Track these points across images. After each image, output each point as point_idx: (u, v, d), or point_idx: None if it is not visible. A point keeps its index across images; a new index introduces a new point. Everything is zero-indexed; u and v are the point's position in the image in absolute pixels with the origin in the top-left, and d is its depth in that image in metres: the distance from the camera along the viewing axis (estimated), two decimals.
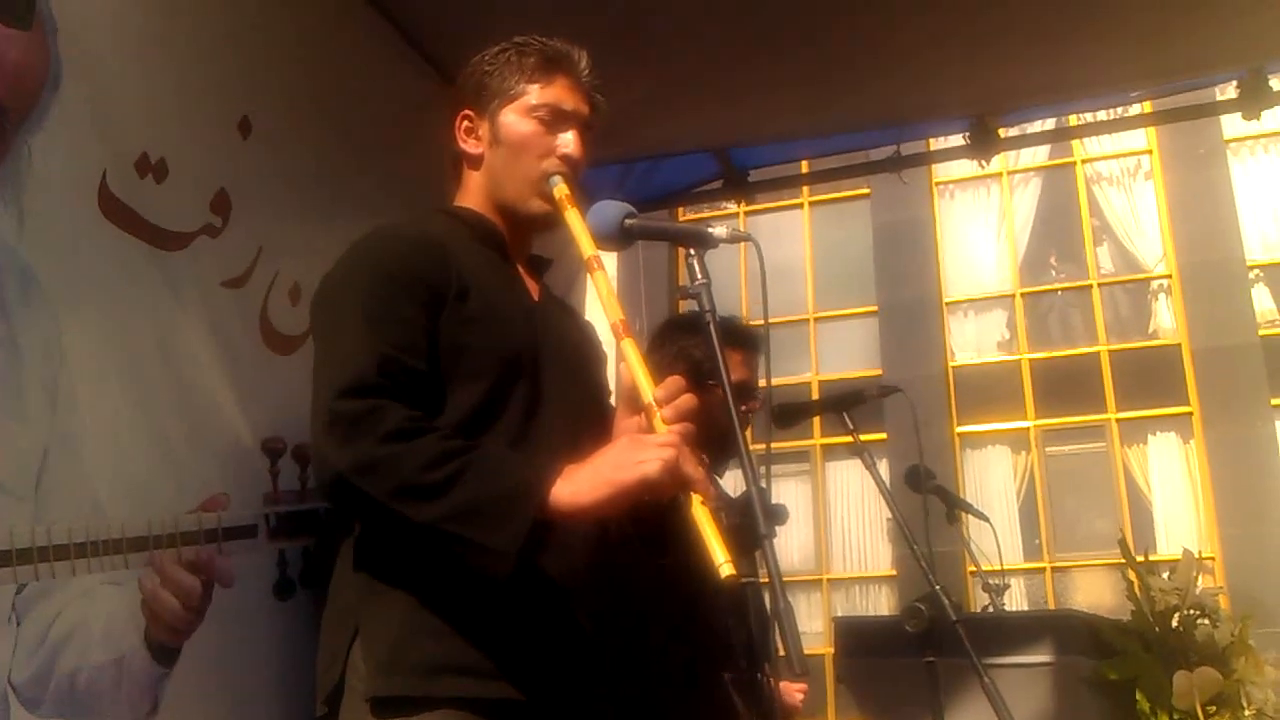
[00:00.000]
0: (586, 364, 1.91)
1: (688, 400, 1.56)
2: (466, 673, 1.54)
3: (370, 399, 1.52)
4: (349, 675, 1.59)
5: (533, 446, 1.67)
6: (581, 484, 1.48)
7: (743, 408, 2.49)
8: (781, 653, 1.44)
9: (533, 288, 1.89)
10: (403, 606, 1.56)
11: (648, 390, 1.55)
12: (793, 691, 2.53)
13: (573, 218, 1.73)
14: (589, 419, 1.81)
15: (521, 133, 1.82)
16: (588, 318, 2.14)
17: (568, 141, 1.82)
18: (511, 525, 1.44)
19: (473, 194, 1.88)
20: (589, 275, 1.69)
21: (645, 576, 1.80)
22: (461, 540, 1.46)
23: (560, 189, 1.78)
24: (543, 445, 1.68)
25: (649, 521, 1.61)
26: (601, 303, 1.65)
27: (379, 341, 1.57)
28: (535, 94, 1.82)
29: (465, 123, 1.88)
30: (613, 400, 1.88)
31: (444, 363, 1.64)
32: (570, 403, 1.78)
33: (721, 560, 1.35)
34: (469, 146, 1.88)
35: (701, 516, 1.40)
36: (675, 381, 1.58)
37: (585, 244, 1.68)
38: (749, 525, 1.50)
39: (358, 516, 1.63)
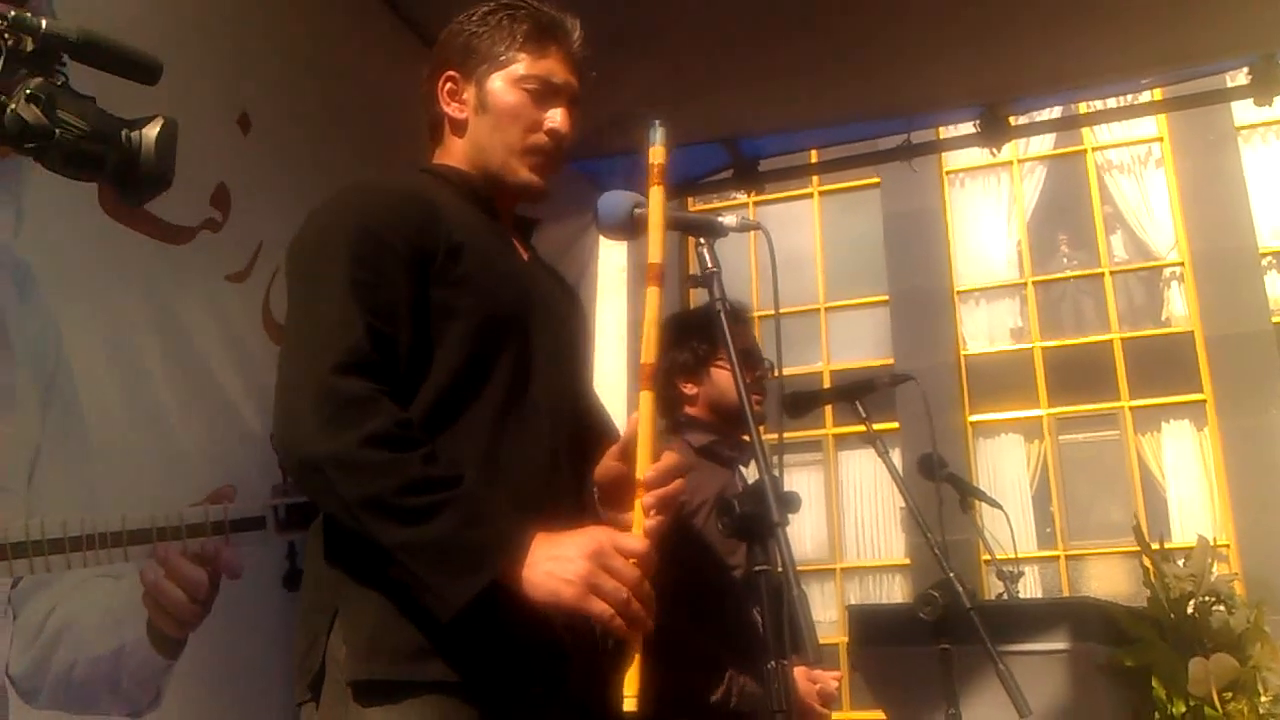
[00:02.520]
0: (573, 332, 1.87)
1: (676, 488, 1.56)
2: (450, 655, 1.50)
3: (367, 380, 1.48)
4: (329, 660, 1.54)
5: (517, 417, 1.64)
6: (539, 577, 1.45)
7: (751, 379, 2.51)
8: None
9: (521, 249, 1.85)
10: (382, 588, 1.51)
11: (642, 465, 1.54)
12: (826, 679, 2.51)
13: (655, 197, 1.64)
14: (573, 387, 1.80)
15: (509, 103, 1.76)
16: (599, 299, 2.13)
17: (555, 115, 1.77)
18: (466, 582, 1.42)
19: (455, 155, 1.82)
20: (647, 286, 1.60)
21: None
22: (414, 574, 1.44)
23: (658, 151, 1.67)
24: (529, 417, 1.66)
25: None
26: (644, 333, 1.59)
27: (365, 309, 1.53)
28: (526, 64, 1.77)
29: (448, 84, 1.81)
30: (606, 383, 1.86)
31: (432, 322, 1.60)
32: (557, 371, 1.74)
33: (628, 694, 1.40)
34: (452, 110, 1.81)
35: (629, 652, 1.44)
36: (670, 460, 1.58)
37: (655, 247, 1.63)
38: (762, 513, 1.50)
39: (315, 503, 1.58)
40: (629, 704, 1.39)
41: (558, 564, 1.45)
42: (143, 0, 2.16)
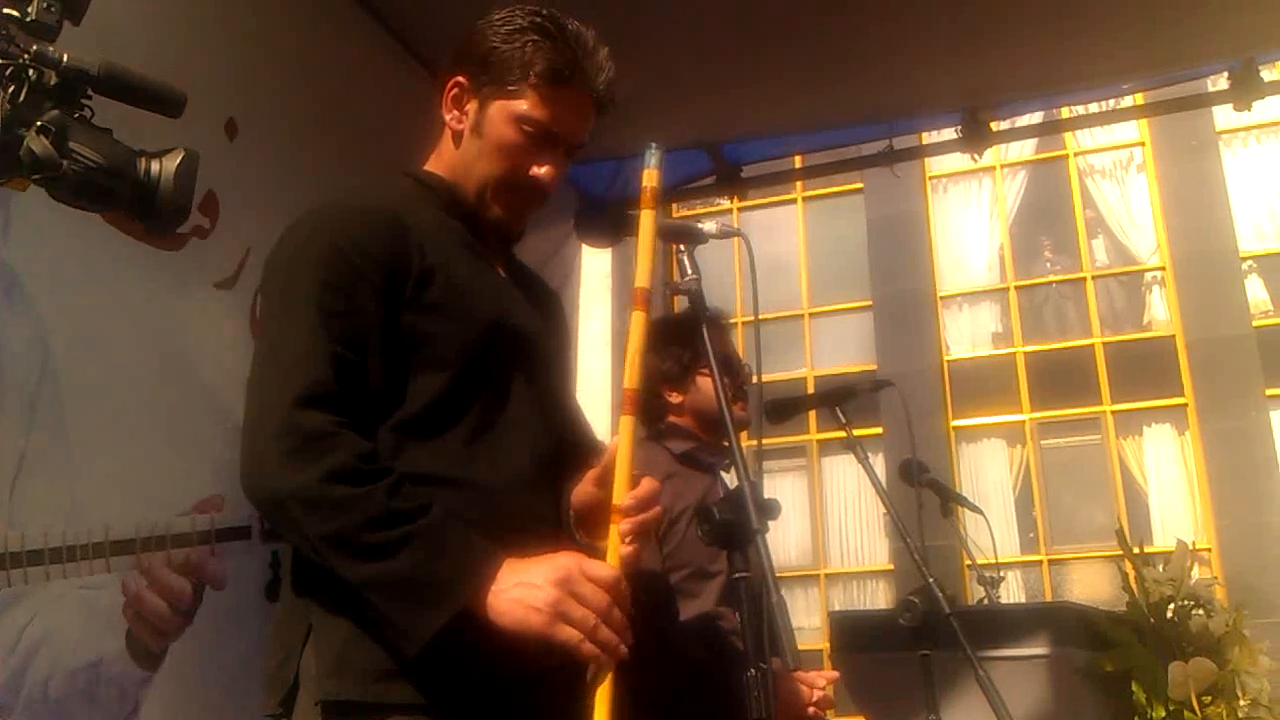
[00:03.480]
0: (552, 346, 1.84)
1: (652, 518, 1.56)
2: (416, 678, 1.48)
3: (329, 413, 1.46)
4: (302, 676, 1.53)
5: (496, 437, 1.63)
6: (506, 605, 1.44)
7: (730, 386, 2.51)
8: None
9: (499, 261, 1.81)
10: (353, 607, 1.49)
11: (620, 492, 1.53)
12: (818, 681, 2.48)
13: (645, 220, 1.64)
14: (553, 402, 1.78)
15: (502, 139, 1.70)
16: (582, 304, 2.11)
17: (543, 169, 1.71)
18: (429, 617, 1.41)
19: (445, 162, 1.78)
20: (633, 310, 1.60)
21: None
22: (379, 611, 1.44)
23: (652, 173, 1.68)
24: (508, 436, 1.64)
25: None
26: (628, 356, 1.58)
27: (334, 339, 1.51)
28: (530, 104, 1.68)
29: (455, 89, 1.75)
30: (589, 390, 1.86)
31: (405, 348, 1.58)
32: (534, 387, 1.72)
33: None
34: (452, 119, 1.76)
35: (599, 690, 1.44)
36: (649, 487, 1.57)
37: (642, 270, 1.62)
38: (742, 520, 1.50)
39: (282, 536, 1.57)
40: None
41: (525, 590, 1.44)
42: (130, 4, 2.14)
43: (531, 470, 1.66)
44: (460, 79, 1.74)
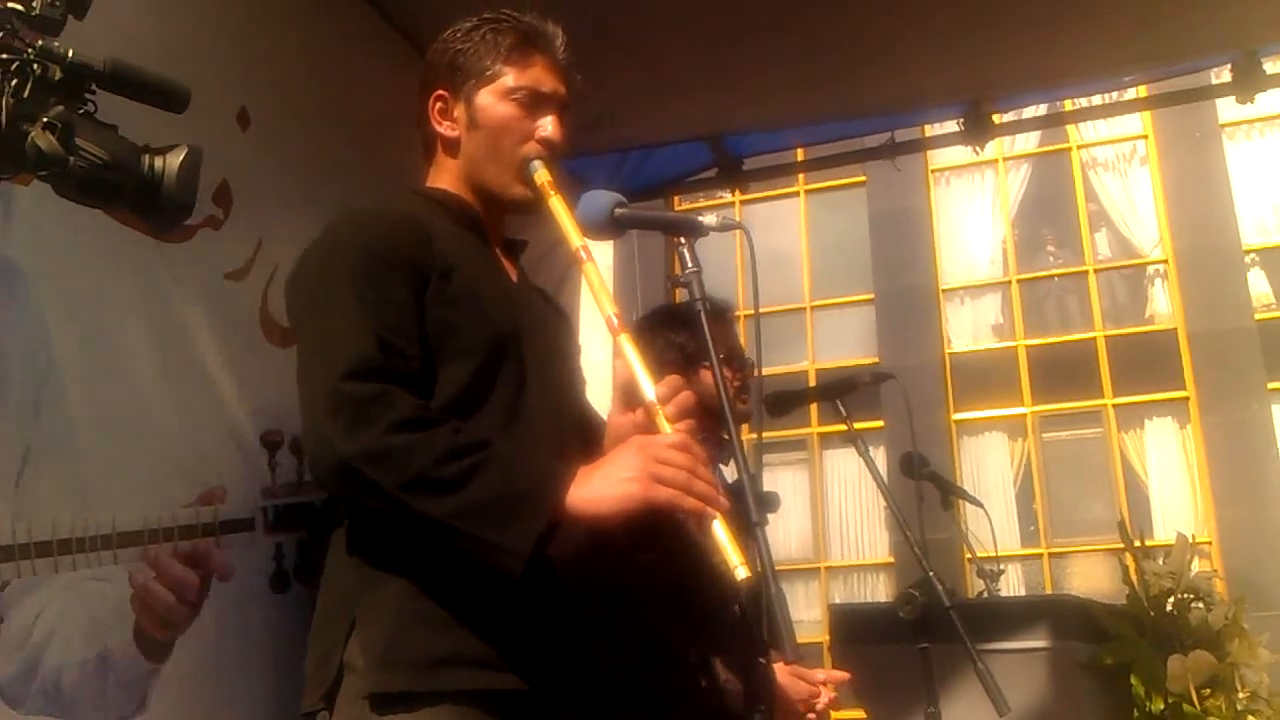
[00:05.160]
0: (564, 351, 1.89)
1: (687, 398, 1.56)
2: (466, 664, 1.51)
3: (378, 382, 1.49)
4: (346, 671, 1.55)
5: (523, 425, 1.66)
6: (599, 492, 1.46)
7: (735, 381, 2.51)
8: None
9: (510, 270, 1.86)
10: (399, 597, 1.53)
11: (649, 388, 1.54)
12: (817, 680, 2.46)
13: (557, 205, 1.70)
14: (569, 404, 1.82)
15: (500, 116, 1.77)
16: (582, 312, 2.14)
17: (547, 125, 1.77)
18: (526, 525, 1.43)
19: (447, 175, 1.83)
20: (578, 267, 1.67)
21: (632, 570, 1.80)
22: (473, 537, 1.44)
23: (541, 174, 1.74)
24: (534, 424, 1.67)
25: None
26: (593, 295, 1.63)
27: (373, 322, 1.54)
28: (513, 76, 1.77)
29: (439, 104, 1.81)
30: (594, 395, 1.88)
31: (432, 342, 1.61)
32: (554, 386, 1.77)
33: (736, 564, 1.38)
34: (444, 129, 1.82)
35: (717, 533, 1.41)
36: (675, 380, 1.58)
37: (571, 234, 1.66)
38: (741, 513, 1.51)
39: (359, 505, 1.58)
40: (742, 571, 1.37)
41: (612, 470, 1.48)
42: None
43: (561, 451, 1.68)
44: (439, 91, 1.82)
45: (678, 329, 2.56)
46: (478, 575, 1.48)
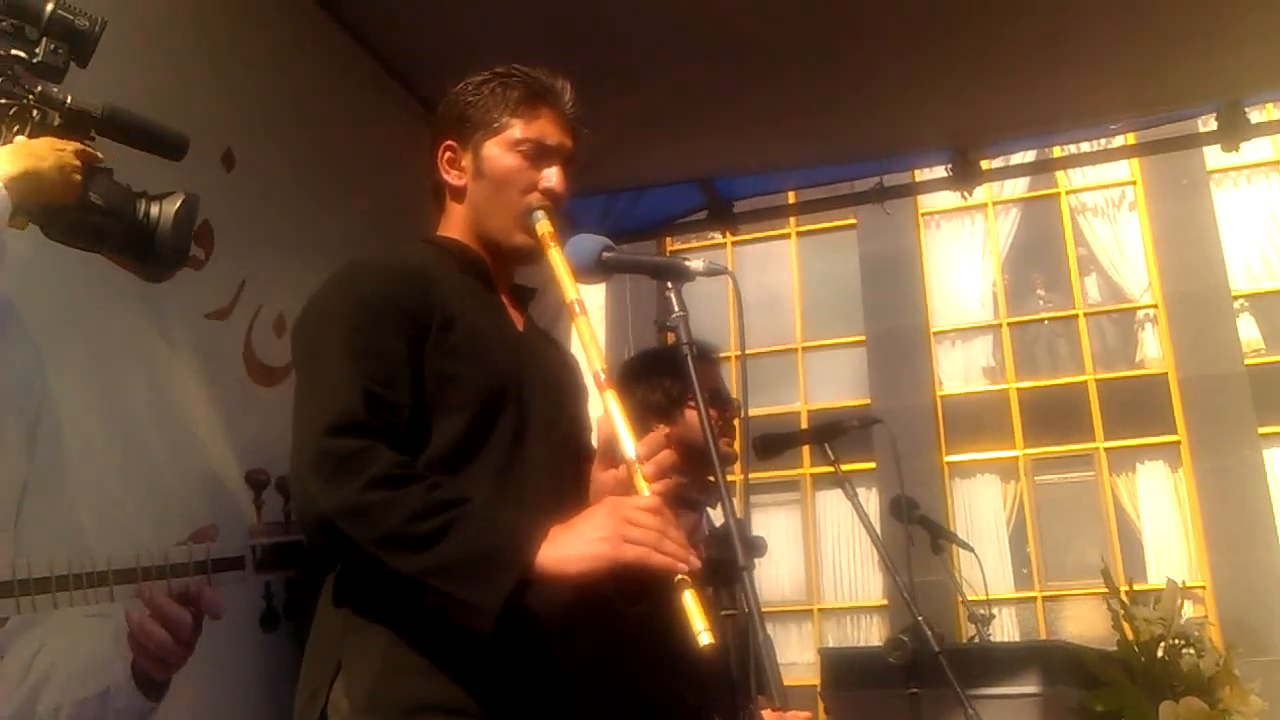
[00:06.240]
0: (569, 397, 1.89)
1: (668, 457, 1.56)
2: (447, 711, 1.51)
3: (360, 438, 1.50)
4: (330, 712, 1.55)
5: (517, 478, 1.66)
6: (567, 551, 1.47)
7: (719, 420, 2.51)
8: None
9: (517, 318, 1.88)
10: (384, 642, 1.54)
11: (630, 446, 1.55)
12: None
13: (555, 257, 1.72)
14: (572, 452, 1.81)
15: (505, 167, 1.80)
16: (574, 341, 2.13)
17: (551, 176, 1.80)
18: (495, 585, 1.43)
19: (456, 224, 1.86)
20: (570, 320, 1.68)
21: (618, 620, 1.79)
22: (444, 595, 1.45)
23: (543, 225, 1.76)
24: (528, 478, 1.67)
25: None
26: (584, 350, 1.64)
27: (363, 376, 1.55)
28: (519, 128, 1.81)
29: (448, 153, 1.86)
30: (594, 440, 1.87)
31: (429, 393, 1.62)
32: (554, 435, 1.77)
33: (700, 629, 1.37)
34: (451, 178, 1.85)
35: (684, 594, 1.41)
36: (656, 437, 1.59)
37: (567, 287, 1.68)
38: (729, 558, 1.50)
39: (338, 559, 1.61)
40: (706, 638, 1.37)
41: (583, 530, 1.49)
42: (129, 35, 2.16)
43: (556, 509, 1.66)
44: (449, 142, 1.86)
45: (662, 373, 2.57)
46: (456, 627, 1.48)
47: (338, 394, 1.54)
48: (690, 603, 1.40)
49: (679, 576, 1.43)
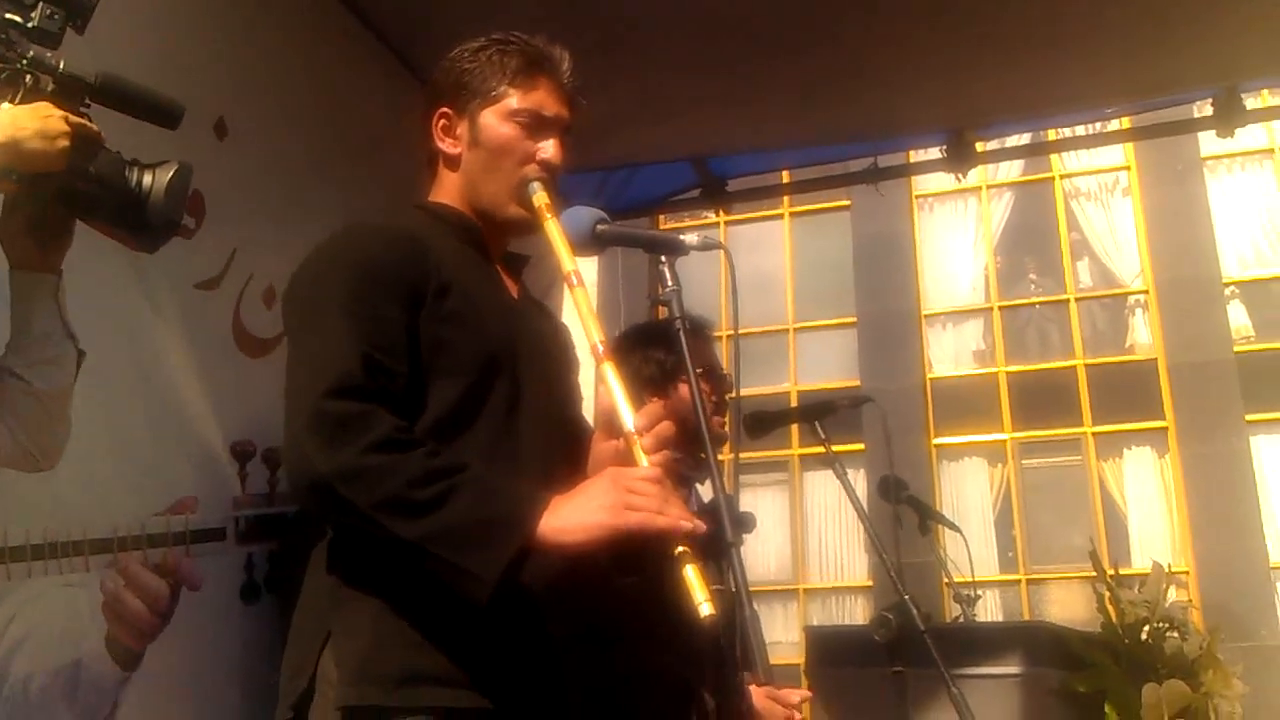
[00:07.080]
0: (562, 367, 1.88)
1: (666, 428, 1.56)
2: (439, 682, 1.51)
3: (359, 401, 1.49)
4: (319, 683, 1.56)
5: (509, 449, 1.65)
6: (568, 520, 1.46)
7: (714, 396, 2.51)
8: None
9: (511, 286, 1.86)
10: (374, 614, 1.53)
11: (629, 418, 1.54)
12: (791, 697, 2.47)
13: (552, 228, 1.71)
14: (562, 424, 1.81)
15: (502, 137, 1.77)
16: (566, 314, 2.12)
17: (548, 147, 1.78)
18: (495, 552, 1.43)
19: (449, 191, 1.84)
20: (568, 290, 1.67)
21: (612, 592, 1.79)
22: (443, 561, 1.44)
23: (540, 197, 1.74)
24: (520, 447, 1.67)
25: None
26: (581, 321, 1.62)
27: (362, 340, 1.54)
28: (517, 98, 1.78)
29: (442, 121, 1.82)
30: (587, 412, 1.86)
31: (424, 359, 1.61)
32: (547, 404, 1.76)
33: (701, 600, 1.37)
34: (446, 146, 1.82)
35: (683, 561, 1.41)
36: (654, 408, 1.58)
37: (564, 257, 1.66)
38: (717, 533, 1.50)
39: (333, 522, 1.59)
40: (705, 609, 1.37)
41: (583, 500, 1.49)
42: (118, 5, 2.13)
43: (547, 476, 1.67)
44: (444, 109, 1.82)
45: (656, 345, 2.56)
46: (450, 596, 1.47)
47: (336, 357, 1.52)
48: (691, 575, 1.39)
49: (680, 549, 1.42)
